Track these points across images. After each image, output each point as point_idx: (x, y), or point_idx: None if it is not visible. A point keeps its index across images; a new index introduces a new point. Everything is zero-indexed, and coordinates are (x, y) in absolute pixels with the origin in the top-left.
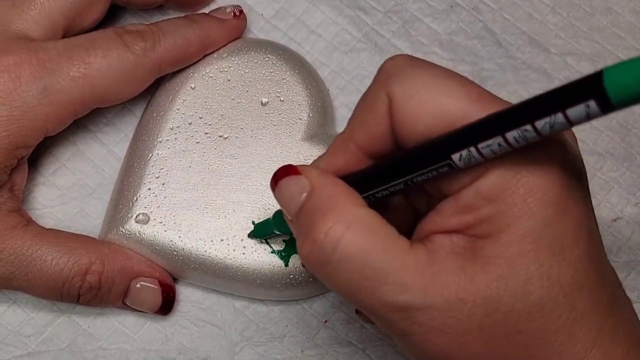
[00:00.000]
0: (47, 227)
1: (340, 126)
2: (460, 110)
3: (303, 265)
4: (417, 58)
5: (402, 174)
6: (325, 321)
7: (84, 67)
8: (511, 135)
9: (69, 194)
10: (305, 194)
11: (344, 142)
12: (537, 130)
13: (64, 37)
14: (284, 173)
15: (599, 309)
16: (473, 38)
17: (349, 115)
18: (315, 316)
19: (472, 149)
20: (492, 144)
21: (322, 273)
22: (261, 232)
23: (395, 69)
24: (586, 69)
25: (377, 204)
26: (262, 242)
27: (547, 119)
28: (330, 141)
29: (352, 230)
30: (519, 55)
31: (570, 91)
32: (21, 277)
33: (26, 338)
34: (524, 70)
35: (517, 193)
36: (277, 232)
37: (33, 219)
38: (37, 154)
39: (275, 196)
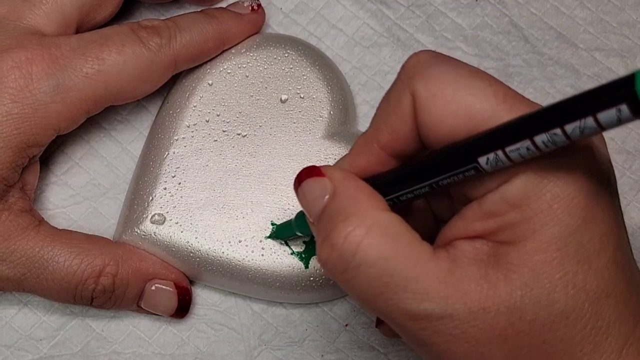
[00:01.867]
0: (60, 228)
1: (362, 124)
2: (487, 110)
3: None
4: (442, 54)
5: (427, 177)
6: (346, 325)
7: (98, 64)
8: (540, 139)
9: (82, 193)
10: (327, 197)
11: (367, 142)
12: (566, 135)
13: (77, 32)
14: (307, 174)
15: (626, 317)
16: (499, 33)
17: (371, 113)
18: (336, 319)
19: (500, 152)
20: (520, 147)
21: (340, 279)
22: (282, 233)
23: (418, 66)
24: (615, 64)
25: (399, 208)
26: (281, 244)
27: (577, 123)
28: (352, 139)
29: (372, 234)
30: (545, 51)
31: (601, 94)
32: (33, 279)
33: (38, 342)
34: (551, 66)
35: (543, 199)
36: (299, 234)
37: (45, 220)
38: (49, 152)
39: (298, 198)
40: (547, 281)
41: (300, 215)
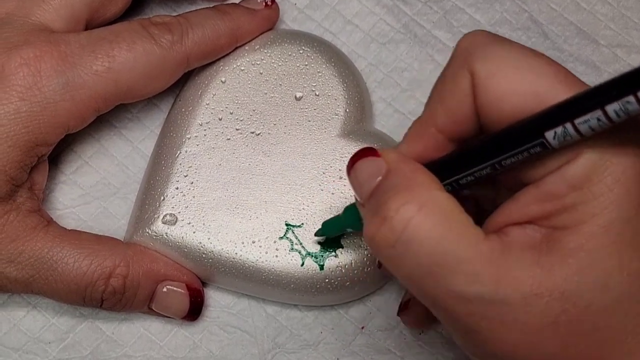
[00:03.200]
0: (69, 228)
1: (378, 122)
2: (550, 88)
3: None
4: (496, 34)
5: (491, 156)
6: (362, 327)
7: (108, 61)
8: (612, 108)
9: (92, 193)
10: (380, 177)
11: (423, 126)
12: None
13: (86, 28)
14: (361, 155)
15: None
16: (518, 29)
17: (387, 110)
18: (352, 322)
19: (569, 125)
20: (591, 119)
21: (387, 255)
22: (330, 229)
23: (475, 45)
24: (637, 61)
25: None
26: (296, 244)
27: None
28: (369, 137)
29: (425, 211)
30: (566, 48)
31: None
32: (41, 280)
33: (47, 345)
34: (571, 62)
35: (604, 182)
36: (349, 230)
37: (54, 220)
38: (58, 151)
39: (350, 180)
40: (603, 267)
41: (350, 207)
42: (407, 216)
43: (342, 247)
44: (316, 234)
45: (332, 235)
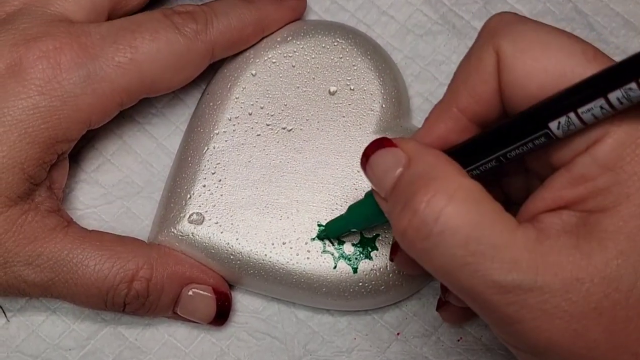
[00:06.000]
0: (90, 229)
1: (416, 117)
2: (578, 67)
3: (391, 262)
4: (524, 16)
5: (494, 149)
6: (398, 333)
7: (130, 52)
8: (614, 96)
9: (114, 192)
10: (400, 169)
11: (445, 107)
12: None
13: (108, 19)
14: (376, 146)
15: None
16: (562, 20)
17: (425, 106)
18: (387, 328)
19: (572, 114)
20: (594, 107)
21: (420, 249)
22: (333, 230)
23: (503, 24)
24: None
25: None
26: (329, 246)
27: None
28: (406, 134)
29: (457, 200)
30: (612, 39)
31: None
32: (61, 284)
33: (67, 352)
34: (617, 55)
35: (637, 160)
36: (353, 230)
37: (74, 220)
38: (79, 148)
39: (366, 173)
40: None
41: (355, 206)
42: (438, 207)
43: (377, 249)
44: (318, 237)
45: (334, 237)
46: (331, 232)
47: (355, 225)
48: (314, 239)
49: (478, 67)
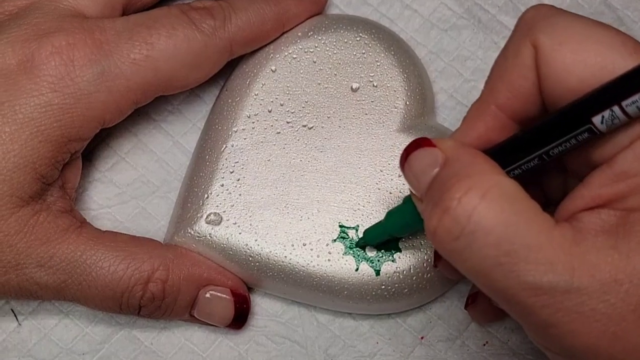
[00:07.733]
0: (104, 230)
1: (440, 115)
2: (618, 60)
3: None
4: (560, 8)
5: (537, 146)
6: (422, 337)
7: (146, 49)
8: None
9: (129, 191)
10: (437, 168)
11: (483, 105)
12: None
13: (123, 14)
14: (415, 146)
15: None
16: (591, 14)
17: (449, 103)
18: (410, 332)
19: (616, 108)
20: (638, 100)
21: (451, 249)
22: (373, 237)
23: (540, 16)
24: None
25: None
26: (351, 248)
27: None
28: (430, 132)
29: (490, 198)
30: None
31: None
32: (74, 286)
33: (80, 356)
34: None
35: None
36: (394, 235)
37: (87, 221)
38: (92, 146)
39: (405, 173)
40: None
41: (394, 212)
42: (470, 205)
43: (400, 251)
44: (357, 244)
45: (373, 244)
46: (370, 240)
47: (395, 232)
48: (335, 240)
49: (516, 61)
